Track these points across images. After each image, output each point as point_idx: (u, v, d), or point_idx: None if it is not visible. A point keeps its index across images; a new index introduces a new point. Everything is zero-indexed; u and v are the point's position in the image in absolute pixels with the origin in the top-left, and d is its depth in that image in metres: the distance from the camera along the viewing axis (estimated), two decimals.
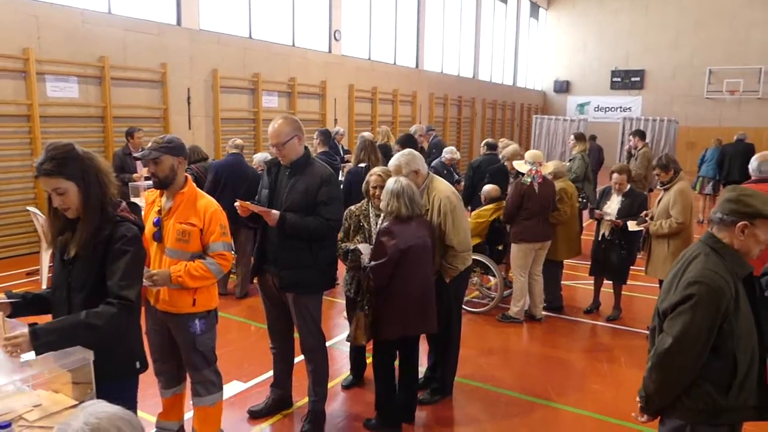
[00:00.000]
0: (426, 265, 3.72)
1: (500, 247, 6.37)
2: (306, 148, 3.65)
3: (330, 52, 13.85)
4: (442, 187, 4.09)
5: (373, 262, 3.59)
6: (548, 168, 6.00)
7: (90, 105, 8.71)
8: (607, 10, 25.13)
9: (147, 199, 3.39)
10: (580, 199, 6.96)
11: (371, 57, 15.55)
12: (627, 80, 25.10)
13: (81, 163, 2.35)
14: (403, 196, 3.58)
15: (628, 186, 5.93)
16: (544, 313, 6.11)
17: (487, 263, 6.10)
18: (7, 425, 2.03)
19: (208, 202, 3.26)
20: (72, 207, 2.36)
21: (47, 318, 2.48)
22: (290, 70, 12.43)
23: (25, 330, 2.17)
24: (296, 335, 3.87)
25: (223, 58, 10.80)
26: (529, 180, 5.66)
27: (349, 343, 4.13)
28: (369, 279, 3.65)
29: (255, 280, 3.91)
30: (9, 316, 2.44)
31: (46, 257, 6.74)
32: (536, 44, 26.46)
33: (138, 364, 2.63)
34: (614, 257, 5.88)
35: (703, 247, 2.22)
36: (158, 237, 3.20)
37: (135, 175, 7.58)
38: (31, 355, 2.36)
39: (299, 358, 4.00)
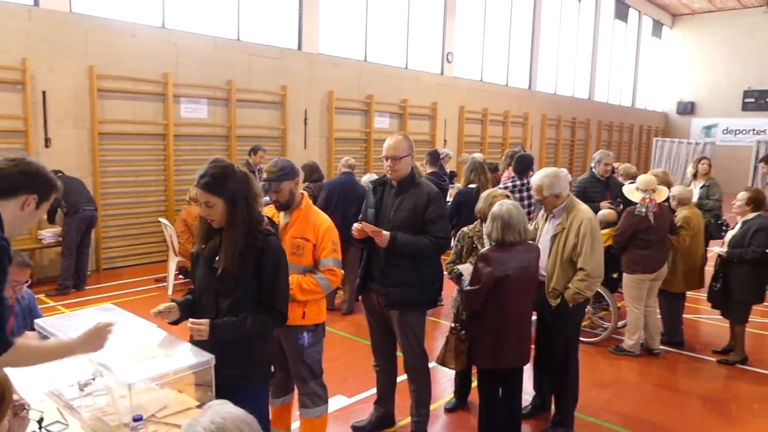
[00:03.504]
0: (526, 294, 3.59)
1: (615, 275, 6.06)
2: (412, 168, 3.69)
3: (442, 73, 13.98)
4: (584, 208, 3.99)
5: (468, 287, 3.54)
6: (664, 194, 5.63)
7: (216, 125, 9.39)
8: (739, 27, 23.36)
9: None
10: (723, 228, 6.49)
11: (483, 78, 15.51)
12: (762, 101, 23.12)
13: (234, 185, 2.57)
14: (497, 220, 3.49)
15: (753, 213, 5.42)
16: (662, 347, 5.72)
17: (600, 291, 5.82)
18: (140, 418, 2.21)
19: (322, 218, 3.39)
20: (216, 219, 2.60)
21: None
22: (402, 92, 12.67)
23: (207, 321, 2.57)
24: (399, 354, 3.89)
25: (338, 80, 11.23)
26: (643, 210, 5.33)
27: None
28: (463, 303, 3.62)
29: (359, 298, 3.98)
30: (175, 322, 2.74)
31: (173, 265, 7.30)
32: (658, 64, 25.09)
33: (272, 368, 2.85)
34: (716, 291, 5.44)
35: None
36: None
37: None
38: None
39: (402, 377, 4.01)
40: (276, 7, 10.49)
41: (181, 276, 7.64)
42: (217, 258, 2.62)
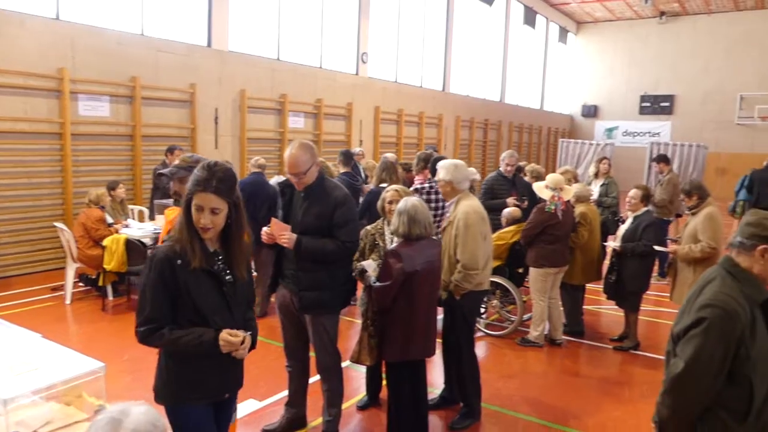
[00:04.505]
0: (432, 288, 3.68)
1: (520, 270, 6.30)
2: (320, 171, 3.63)
3: (357, 74, 14.02)
4: (467, 203, 4.12)
5: (378, 283, 3.58)
6: (570, 192, 5.93)
7: (120, 124, 8.94)
8: (636, 36, 25.00)
9: (167, 217, 3.38)
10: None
11: (398, 79, 15.69)
12: (656, 105, 24.83)
13: (237, 188, 2.43)
14: (403, 215, 3.57)
15: (644, 209, 5.80)
16: (564, 337, 6.00)
17: (507, 286, 6.03)
18: None
19: None
20: (215, 228, 2.37)
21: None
22: (317, 92, 12.59)
23: (247, 334, 2.43)
24: (312, 354, 3.86)
25: (250, 78, 11.01)
26: (552, 207, 5.60)
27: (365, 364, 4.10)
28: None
29: (273, 298, 3.91)
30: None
31: (71, 272, 6.88)
32: (564, 68, 26.38)
33: None
34: (612, 283, 5.79)
35: (720, 271, 2.16)
36: None
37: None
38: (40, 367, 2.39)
39: (315, 378, 3.97)
40: (183, 1, 10.13)
41: (81, 284, 7.22)
42: (227, 270, 2.45)
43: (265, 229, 3.49)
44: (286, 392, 4.15)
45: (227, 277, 2.44)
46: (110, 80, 8.73)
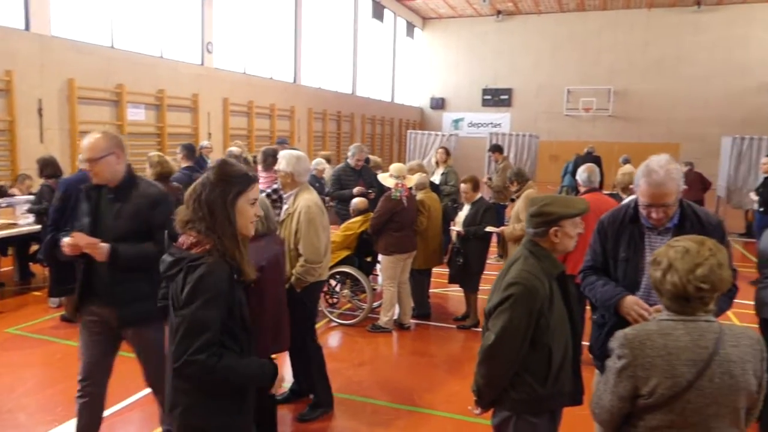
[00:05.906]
0: (278, 284, 3.65)
1: (369, 259, 6.46)
2: (129, 166, 3.23)
3: (202, 64, 13.44)
4: (307, 196, 4.09)
5: None
6: (413, 180, 6.19)
7: None
8: (476, 32, 26.60)
9: None
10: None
11: (246, 71, 15.28)
12: (496, 98, 26.67)
13: None
14: None
15: (478, 196, 6.23)
16: (412, 321, 6.26)
17: (356, 275, 6.15)
18: None
19: None
20: None
21: None
22: (159, 82, 11.88)
23: None
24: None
25: (80, 67, 10.09)
26: (398, 194, 5.80)
27: None
28: None
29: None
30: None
31: None
32: (413, 62, 27.36)
33: None
34: (459, 266, 6.16)
35: (523, 251, 2.40)
36: None
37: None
38: None
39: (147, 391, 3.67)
40: None
41: None
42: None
43: (66, 239, 3.01)
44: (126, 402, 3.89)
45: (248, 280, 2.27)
46: None
